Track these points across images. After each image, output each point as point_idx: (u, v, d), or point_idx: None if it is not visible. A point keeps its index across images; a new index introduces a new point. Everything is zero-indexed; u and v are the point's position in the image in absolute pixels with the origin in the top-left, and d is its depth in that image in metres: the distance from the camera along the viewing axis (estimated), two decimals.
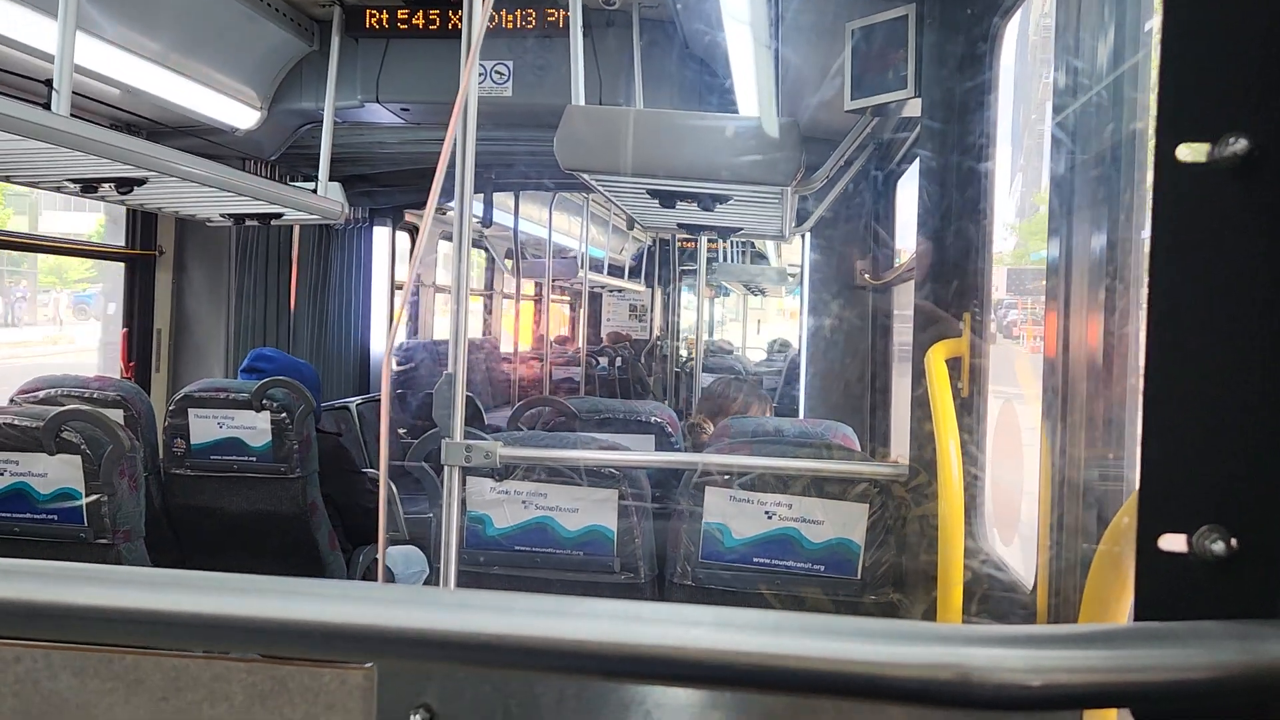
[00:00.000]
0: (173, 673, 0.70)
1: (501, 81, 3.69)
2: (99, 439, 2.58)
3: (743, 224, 3.32)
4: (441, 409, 1.99)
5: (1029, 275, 5.95)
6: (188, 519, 3.37)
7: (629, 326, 11.14)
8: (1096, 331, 1.39)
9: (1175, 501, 0.55)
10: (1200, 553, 0.53)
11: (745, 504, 2.23)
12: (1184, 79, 0.53)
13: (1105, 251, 1.37)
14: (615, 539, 2.33)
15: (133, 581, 0.57)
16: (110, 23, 3.01)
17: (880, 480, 2.19)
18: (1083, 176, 1.43)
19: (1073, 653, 0.49)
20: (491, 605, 0.53)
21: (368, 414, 5.32)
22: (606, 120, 2.51)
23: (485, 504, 2.35)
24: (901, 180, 3.85)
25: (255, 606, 0.54)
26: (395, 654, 0.54)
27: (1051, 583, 1.50)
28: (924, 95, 2.19)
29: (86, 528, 2.58)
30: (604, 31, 3.62)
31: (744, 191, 2.57)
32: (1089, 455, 1.41)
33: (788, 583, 2.22)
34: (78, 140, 2.26)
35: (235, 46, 3.61)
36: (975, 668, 0.48)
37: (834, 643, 0.50)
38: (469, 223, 1.99)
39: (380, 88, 3.84)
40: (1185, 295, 0.53)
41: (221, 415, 3.28)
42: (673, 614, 0.52)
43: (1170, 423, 0.55)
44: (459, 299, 2.02)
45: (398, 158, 4.99)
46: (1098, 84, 1.35)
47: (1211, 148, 0.52)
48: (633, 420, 3.12)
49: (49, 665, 0.71)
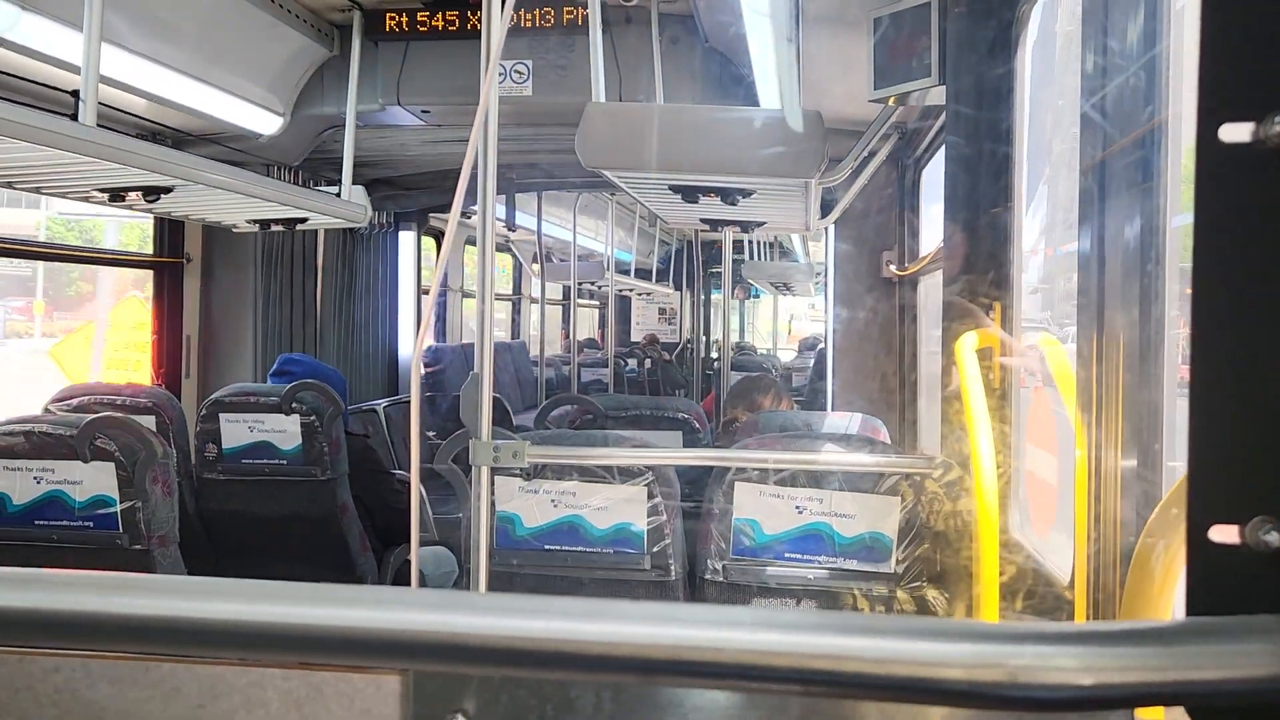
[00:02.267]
0: (209, 681, 0.71)
1: (521, 81, 3.69)
2: (132, 446, 2.61)
3: (767, 218, 3.30)
4: (469, 410, 1.99)
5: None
6: (221, 523, 3.40)
7: (658, 329, 11.15)
8: (1132, 320, 1.36)
9: (1226, 491, 0.53)
10: (1254, 544, 0.51)
11: (776, 499, 2.22)
12: (1226, 55, 0.52)
13: (1139, 239, 1.34)
14: (645, 537, 2.32)
15: (168, 589, 0.57)
16: (134, 33, 3.04)
17: (912, 473, 2.17)
18: (1113, 163, 1.40)
19: (1125, 650, 0.47)
20: (527, 609, 0.52)
21: (395, 416, 5.35)
22: (627, 117, 2.51)
23: (514, 504, 2.35)
24: (926, 170, 3.81)
25: (290, 614, 0.53)
26: (431, 659, 0.54)
27: (1090, 577, 1.48)
28: (949, 83, 2.17)
29: (122, 534, 2.61)
30: (624, 28, 3.61)
31: (767, 184, 2.55)
32: (1126, 446, 1.39)
33: (820, 578, 2.20)
34: (105, 150, 2.27)
35: (257, 54, 3.63)
36: (1024, 666, 0.47)
37: (877, 642, 0.49)
38: (491, 226, 1.99)
39: (401, 90, 3.85)
40: (1231, 279, 0.52)
41: (252, 419, 3.31)
42: (711, 615, 0.51)
43: (1219, 409, 0.53)
44: (484, 301, 2.02)
45: (420, 160, 5.01)
46: (1129, 66, 1.33)
47: (1256, 127, 0.51)
48: (661, 417, 3.11)
49: (87, 675, 0.71)
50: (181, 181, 2.64)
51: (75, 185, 2.70)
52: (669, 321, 11.58)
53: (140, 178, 2.57)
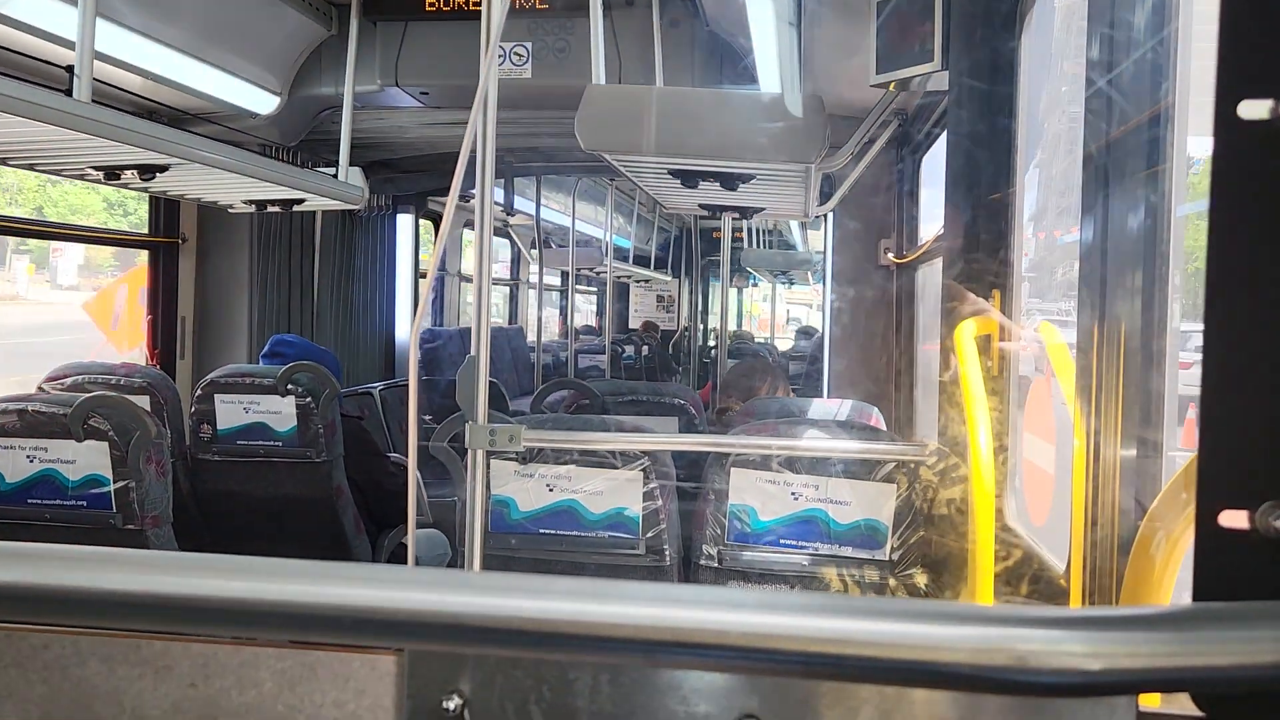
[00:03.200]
0: (201, 659, 0.70)
1: (521, 63, 3.66)
2: (126, 425, 2.59)
3: (765, 204, 3.29)
4: (465, 393, 1.98)
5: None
6: (215, 504, 3.39)
7: (656, 317, 11.14)
8: (1134, 308, 1.35)
9: (1236, 476, 0.52)
10: (1264, 530, 0.51)
11: (771, 485, 2.21)
12: (1246, 30, 0.50)
13: (1142, 226, 1.33)
14: (640, 521, 2.31)
15: (159, 565, 0.56)
16: (130, 9, 3.01)
17: (907, 461, 2.16)
18: (1116, 150, 1.39)
19: (1133, 634, 0.46)
20: (525, 588, 0.51)
21: (391, 399, 5.33)
22: (627, 99, 2.49)
23: (509, 487, 2.34)
24: (927, 157, 3.80)
25: (283, 591, 0.53)
26: (427, 639, 0.53)
27: (1086, 563, 1.47)
28: (951, 67, 2.15)
29: (115, 513, 2.60)
30: (624, 11, 3.58)
31: (767, 170, 2.53)
32: (1125, 434, 1.38)
33: (815, 564, 2.20)
34: (100, 127, 2.25)
35: (254, 32, 3.60)
36: (1031, 651, 0.46)
37: (882, 625, 0.48)
38: (490, 209, 1.97)
39: (399, 71, 3.82)
40: (1248, 259, 0.51)
41: (247, 400, 3.29)
42: (714, 596, 0.50)
43: (1230, 394, 0.52)
44: (481, 284, 2.01)
45: (418, 143, 4.98)
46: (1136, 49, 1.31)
47: (1276, 104, 0.50)
48: (656, 402, 3.10)
49: (77, 652, 0.70)
50: (177, 160, 2.62)
51: (70, 163, 2.67)
52: (667, 309, 11.57)
53: (136, 156, 2.55)
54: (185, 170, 2.76)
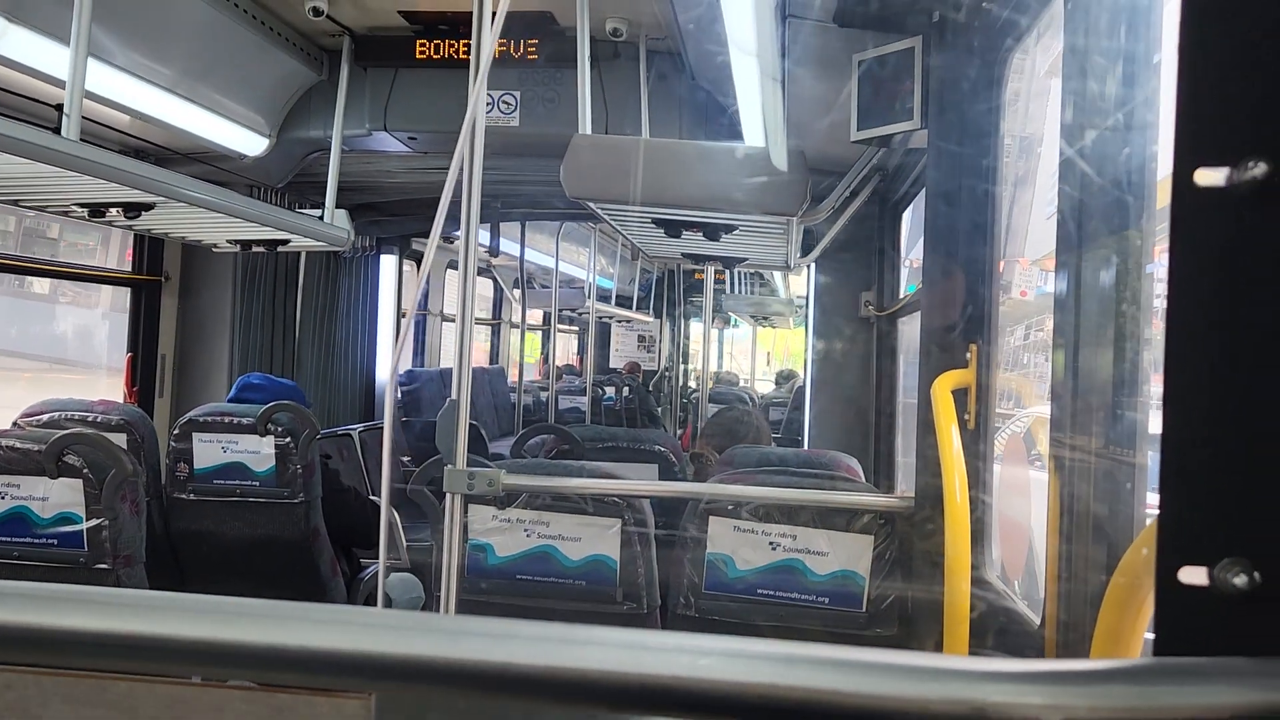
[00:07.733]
0: (167, 700, 0.69)
1: (509, 112, 3.71)
2: (102, 463, 2.57)
3: (748, 254, 3.32)
4: (445, 436, 1.98)
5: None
6: (190, 544, 3.35)
7: (638, 357, 11.16)
8: (1106, 360, 1.37)
9: (1196, 533, 0.53)
10: (1222, 586, 0.52)
11: (749, 534, 2.21)
12: (1201, 101, 0.53)
13: (1114, 280, 1.36)
14: (618, 568, 2.30)
15: (125, 604, 0.55)
16: (121, 49, 3.04)
17: (886, 512, 2.17)
18: (1090, 206, 1.42)
19: (1093, 689, 0.47)
20: (493, 632, 0.52)
21: (370, 441, 5.30)
22: (612, 150, 2.52)
23: (487, 532, 2.33)
24: (907, 211, 3.85)
25: (251, 632, 0.52)
26: (395, 682, 0.53)
27: (1060, 616, 1.48)
28: (930, 126, 2.19)
29: (86, 552, 2.56)
30: (611, 63, 3.64)
31: (750, 221, 2.57)
32: (1098, 488, 1.40)
33: (792, 615, 2.19)
34: (87, 165, 2.26)
35: (245, 74, 3.63)
36: (992, 704, 0.46)
37: (844, 675, 0.48)
38: (474, 250, 1.99)
39: (388, 116, 3.86)
40: (1204, 321, 0.52)
41: (226, 440, 3.27)
42: (681, 643, 0.50)
43: (1190, 452, 0.54)
44: (463, 326, 2.01)
45: (405, 187, 5.02)
46: (1107, 112, 1.35)
47: (1231, 172, 0.51)
48: (636, 449, 3.10)
49: (40, 692, 0.69)
50: (163, 199, 2.63)
51: (55, 199, 2.68)
52: (648, 349, 11.59)
53: (121, 194, 2.56)
54: (171, 209, 2.77)
